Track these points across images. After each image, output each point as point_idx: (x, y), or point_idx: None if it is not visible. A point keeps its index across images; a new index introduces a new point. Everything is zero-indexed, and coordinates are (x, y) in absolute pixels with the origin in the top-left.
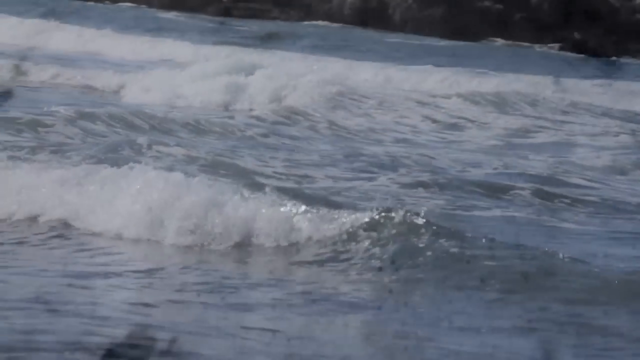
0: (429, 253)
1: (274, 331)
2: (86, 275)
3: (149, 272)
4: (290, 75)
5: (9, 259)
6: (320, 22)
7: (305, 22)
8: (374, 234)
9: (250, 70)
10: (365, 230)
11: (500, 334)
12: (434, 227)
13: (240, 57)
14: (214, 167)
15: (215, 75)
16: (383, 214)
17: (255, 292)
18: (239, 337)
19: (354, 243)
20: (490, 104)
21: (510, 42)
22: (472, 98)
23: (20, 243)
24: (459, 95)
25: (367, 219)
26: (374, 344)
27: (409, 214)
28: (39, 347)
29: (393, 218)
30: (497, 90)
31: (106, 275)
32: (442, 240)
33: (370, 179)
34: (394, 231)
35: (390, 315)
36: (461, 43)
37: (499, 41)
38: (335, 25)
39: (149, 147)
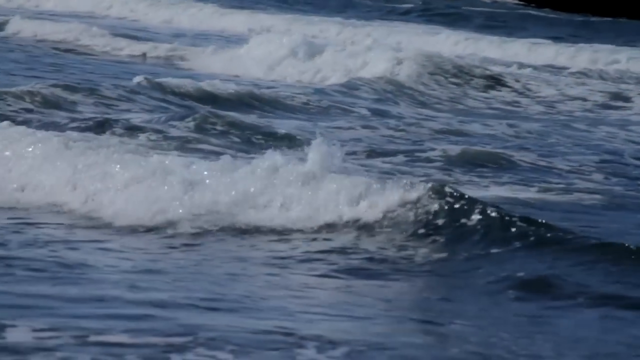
0: None
1: None
2: None
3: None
4: (446, 54)
5: None
6: None
7: None
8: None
9: (398, 48)
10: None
11: None
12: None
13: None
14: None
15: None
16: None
17: None
18: None
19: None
20: None
21: None
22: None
23: None
24: (621, 72)
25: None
26: None
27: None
28: None
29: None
30: None
31: None
32: None
33: (534, 160)
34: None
35: None
36: (624, 20)
37: None
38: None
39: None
